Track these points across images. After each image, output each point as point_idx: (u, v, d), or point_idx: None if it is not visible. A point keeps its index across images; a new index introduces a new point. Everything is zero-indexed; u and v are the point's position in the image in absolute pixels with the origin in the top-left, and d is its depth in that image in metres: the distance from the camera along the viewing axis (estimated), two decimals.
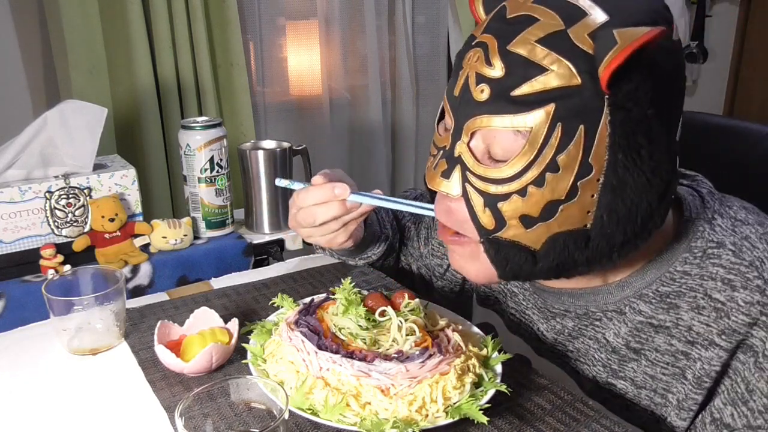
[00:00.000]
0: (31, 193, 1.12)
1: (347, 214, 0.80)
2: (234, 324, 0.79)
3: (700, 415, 0.69)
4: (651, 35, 0.55)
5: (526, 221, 0.63)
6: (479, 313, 0.93)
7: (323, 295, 0.80)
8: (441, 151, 0.68)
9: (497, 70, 0.61)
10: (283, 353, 0.70)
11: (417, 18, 2.31)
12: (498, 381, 0.68)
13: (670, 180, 0.63)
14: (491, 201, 0.63)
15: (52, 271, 1.10)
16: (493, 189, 0.63)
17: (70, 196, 1.15)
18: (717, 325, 0.66)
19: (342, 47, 2.20)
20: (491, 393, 0.66)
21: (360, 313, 0.71)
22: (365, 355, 0.66)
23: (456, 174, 0.65)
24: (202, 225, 1.27)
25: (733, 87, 3.16)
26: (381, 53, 2.25)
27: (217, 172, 1.24)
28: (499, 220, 0.64)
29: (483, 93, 0.62)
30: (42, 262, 1.12)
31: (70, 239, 1.16)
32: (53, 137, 1.15)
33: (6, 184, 1.11)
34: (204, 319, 0.81)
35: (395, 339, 0.69)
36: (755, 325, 0.64)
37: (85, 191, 1.17)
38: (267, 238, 1.33)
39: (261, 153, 1.28)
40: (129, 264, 1.16)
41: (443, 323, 0.75)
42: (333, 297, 0.76)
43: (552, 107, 0.59)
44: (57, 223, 1.15)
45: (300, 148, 1.37)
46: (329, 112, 2.23)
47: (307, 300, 0.80)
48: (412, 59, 2.31)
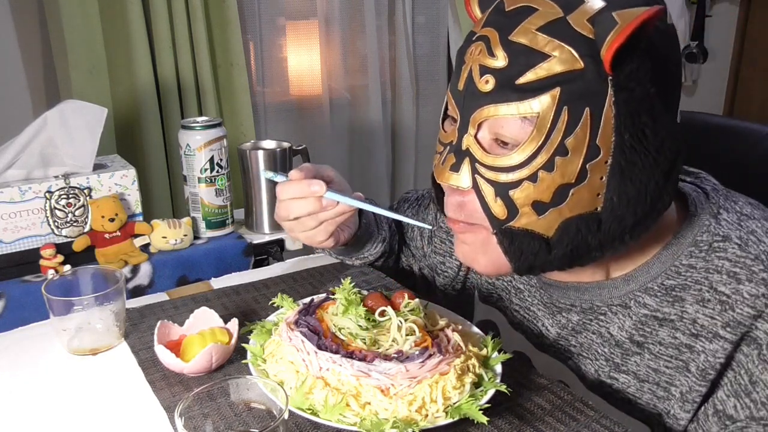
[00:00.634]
0: (31, 193, 1.12)
1: (323, 211, 0.80)
2: (234, 324, 0.79)
3: (702, 407, 0.69)
4: (650, 13, 0.57)
5: (538, 207, 0.64)
6: (481, 310, 0.93)
7: (323, 295, 0.80)
8: (448, 147, 0.69)
9: (500, 60, 0.63)
10: (283, 353, 0.70)
11: (417, 18, 2.32)
12: (498, 381, 0.68)
13: (675, 159, 0.65)
14: (502, 190, 0.65)
15: (52, 271, 1.10)
16: (504, 177, 0.65)
17: (70, 196, 1.15)
18: (721, 318, 0.67)
19: (342, 47, 2.20)
20: (491, 393, 0.66)
21: (360, 313, 0.71)
22: (365, 355, 0.66)
23: (465, 167, 0.67)
24: (202, 225, 1.27)
25: (733, 87, 3.16)
26: (381, 53, 2.25)
27: (217, 172, 1.24)
28: (511, 208, 0.65)
29: (488, 84, 0.64)
30: (42, 262, 1.12)
31: (70, 239, 1.16)
32: (53, 137, 1.15)
33: (6, 184, 1.11)
34: (204, 319, 0.81)
35: (395, 339, 0.69)
36: (760, 318, 0.65)
37: (85, 191, 1.17)
38: (267, 238, 1.33)
39: (261, 153, 1.28)
40: (129, 264, 1.16)
41: (443, 323, 0.75)
42: (333, 297, 0.76)
43: (557, 91, 0.61)
44: (57, 223, 1.15)
45: (300, 148, 1.37)
46: (329, 112, 2.23)
47: (307, 300, 0.80)
48: (412, 59, 2.31)
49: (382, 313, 0.72)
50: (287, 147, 1.32)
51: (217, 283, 1.01)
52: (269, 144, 1.34)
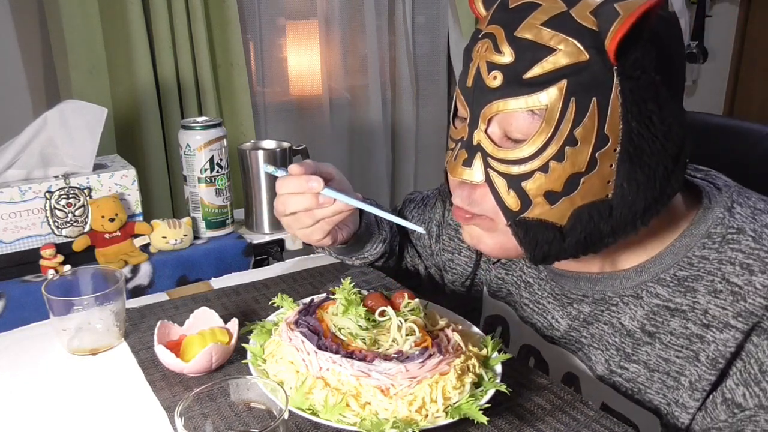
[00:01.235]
0: (31, 193, 1.12)
1: (319, 209, 0.80)
2: (234, 324, 0.79)
3: (711, 396, 0.70)
4: (651, 3, 0.58)
5: (550, 197, 0.66)
6: (489, 306, 0.93)
7: (323, 295, 0.80)
8: (459, 143, 0.71)
9: (507, 56, 0.65)
10: (283, 353, 0.70)
11: (417, 18, 2.32)
12: (498, 381, 0.68)
13: (682, 144, 0.66)
14: (515, 182, 0.66)
15: (52, 271, 1.10)
16: (516, 169, 0.66)
17: (70, 196, 1.15)
18: (733, 308, 0.67)
19: (342, 47, 2.20)
20: (491, 393, 0.66)
21: (360, 313, 0.71)
22: (365, 355, 0.66)
23: (477, 161, 0.69)
24: (202, 225, 1.27)
25: (733, 87, 3.16)
26: (381, 53, 2.25)
27: (217, 172, 1.24)
28: (524, 199, 0.67)
29: (496, 80, 0.65)
30: (42, 262, 1.12)
31: (70, 239, 1.16)
32: (53, 137, 1.15)
33: (6, 184, 1.11)
34: (204, 319, 0.81)
35: (395, 339, 0.69)
36: None
37: (85, 191, 1.17)
38: (267, 238, 1.33)
39: (261, 153, 1.28)
40: (129, 264, 1.16)
41: (443, 323, 0.75)
42: (333, 297, 0.76)
43: (564, 83, 0.63)
44: (57, 223, 1.15)
45: (300, 148, 1.37)
46: (329, 112, 2.23)
47: (307, 300, 0.80)
48: (412, 59, 2.31)
49: (382, 313, 0.72)
50: (287, 147, 1.32)
51: (217, 283, 1.01)
52: (269, 144, 1.34)
